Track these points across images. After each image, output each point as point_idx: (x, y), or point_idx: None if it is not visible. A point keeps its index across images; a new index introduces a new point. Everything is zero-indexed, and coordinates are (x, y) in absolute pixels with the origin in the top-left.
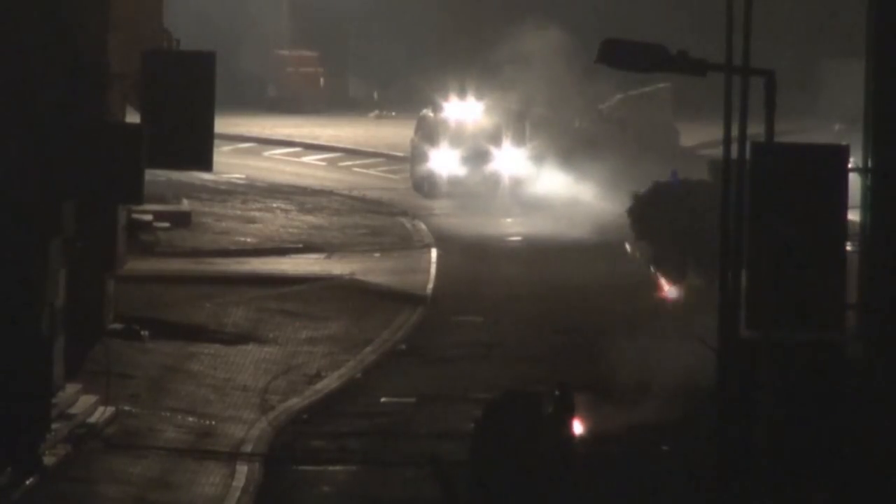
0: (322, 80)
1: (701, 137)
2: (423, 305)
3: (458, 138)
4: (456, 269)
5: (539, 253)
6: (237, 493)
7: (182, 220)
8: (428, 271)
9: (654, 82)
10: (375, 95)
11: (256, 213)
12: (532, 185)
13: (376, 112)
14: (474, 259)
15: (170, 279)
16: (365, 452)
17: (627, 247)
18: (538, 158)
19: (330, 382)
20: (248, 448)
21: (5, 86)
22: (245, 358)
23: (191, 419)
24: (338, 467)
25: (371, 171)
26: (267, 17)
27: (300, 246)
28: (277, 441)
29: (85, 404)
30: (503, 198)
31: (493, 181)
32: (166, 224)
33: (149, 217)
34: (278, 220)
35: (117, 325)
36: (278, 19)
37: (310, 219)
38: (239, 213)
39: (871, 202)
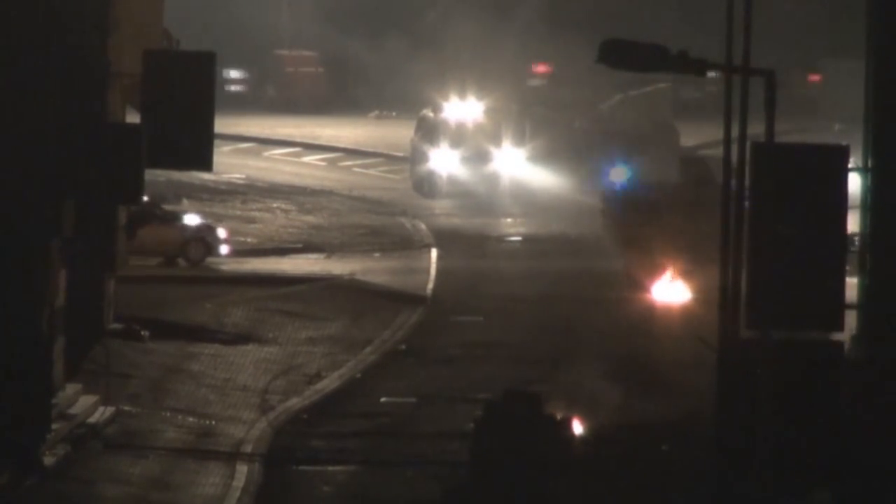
0: (322, 80)
1: (701, 137)
2: (423, 305)
3: (458, 138)
4: (456, 269)
5: (539, 253)
6: (237, 493)
7: None
8: (428, 271)
9: (654, 82)
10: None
11: (256, 213)
12: (532, 185)
13: (376, 112)
14: (474, 259)
15: (170, 279)
16: (365, 452)
17: None
18: (538, 158)
19: (330, 382)
20: (248, 448)
21: (5, 86)
22: (245, 358)
23: (191, 419)
24: (338, 467)
25: (371, 171)
26: (267, 18)
27: (300, 246)
28: (277, 441)
29: (85, 404)
30: (503, 198)
31: (493, 181)
32: None
33: None
34: (278, 220)
35: (117, 325)
36: (278, 19)
37: (310, 219)
38: (239, 213)
39: (871, 202)
